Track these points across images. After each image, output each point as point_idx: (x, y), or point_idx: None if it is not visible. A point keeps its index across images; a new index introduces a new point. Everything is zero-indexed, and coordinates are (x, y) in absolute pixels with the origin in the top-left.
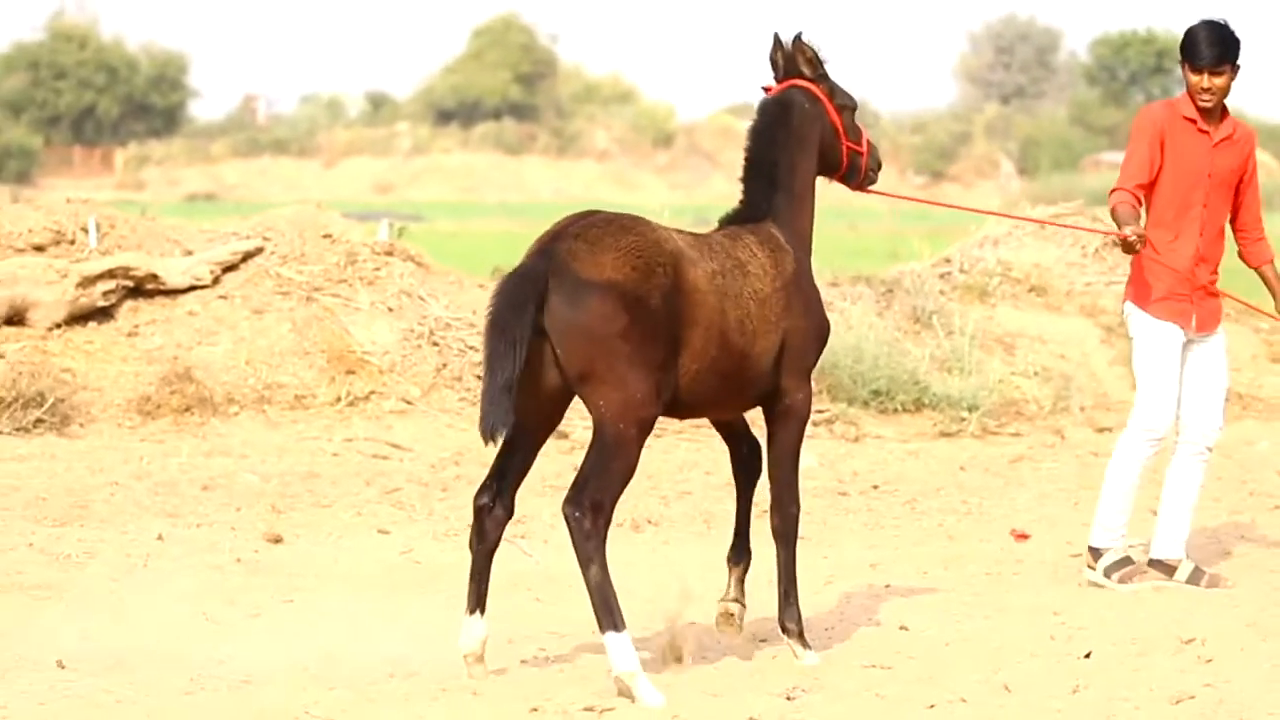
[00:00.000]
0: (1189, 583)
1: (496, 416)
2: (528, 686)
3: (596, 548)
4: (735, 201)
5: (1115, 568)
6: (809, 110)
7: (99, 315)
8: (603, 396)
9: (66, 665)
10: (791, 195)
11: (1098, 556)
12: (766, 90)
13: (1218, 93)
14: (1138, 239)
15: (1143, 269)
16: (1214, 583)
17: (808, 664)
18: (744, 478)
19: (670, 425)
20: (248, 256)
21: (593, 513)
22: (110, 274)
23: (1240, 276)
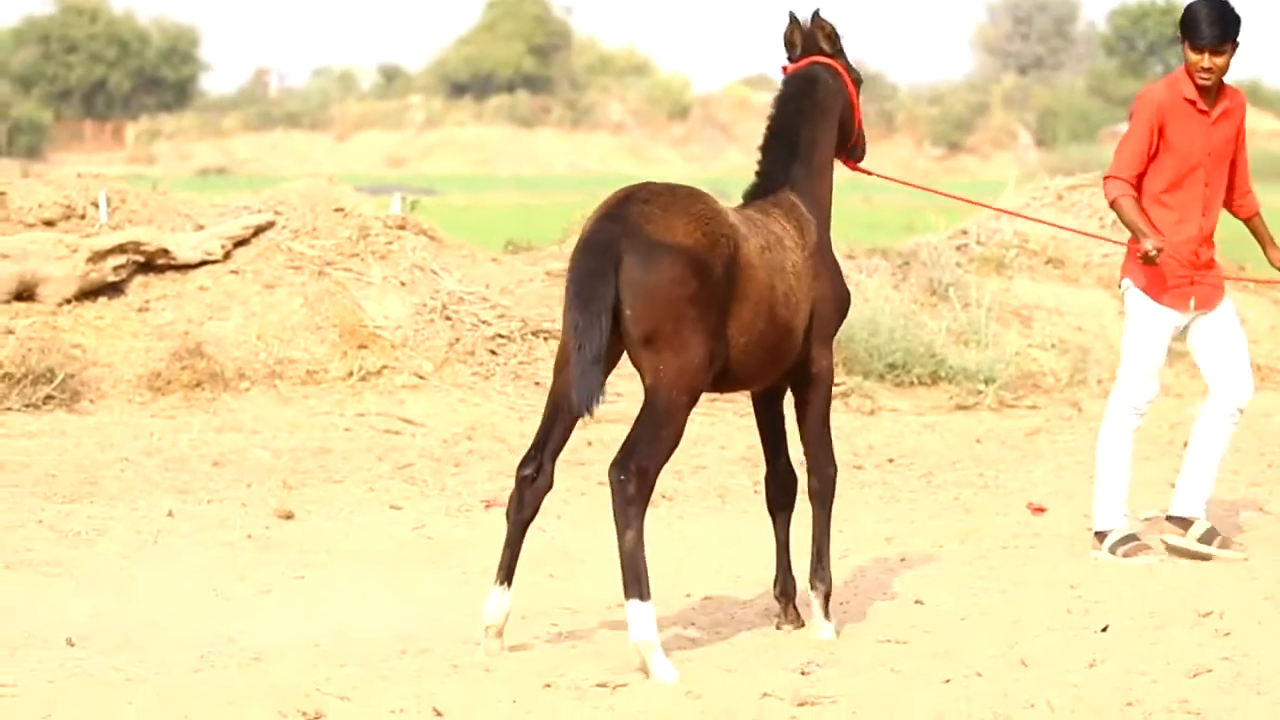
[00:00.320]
0: (1201, 541)
1: (589, 389)
2: (541, 662)
3: (636, 514)
4: (752, 172)
5: (1120, 544)
6: (832, 85)
7: (109, 290)
8: (663, 360)
9: (76, 643)
10: (810, 167)
11: (1103, 539)
12: (785, 70)
13: (1218, 72)
14: (1158, 251)
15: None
16: (1225, 544)
17: (823, 637)
18: (783, 498)
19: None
20: (259, 231)
21: (638, 478)
22: (121, 249)
23: (1246, 246)
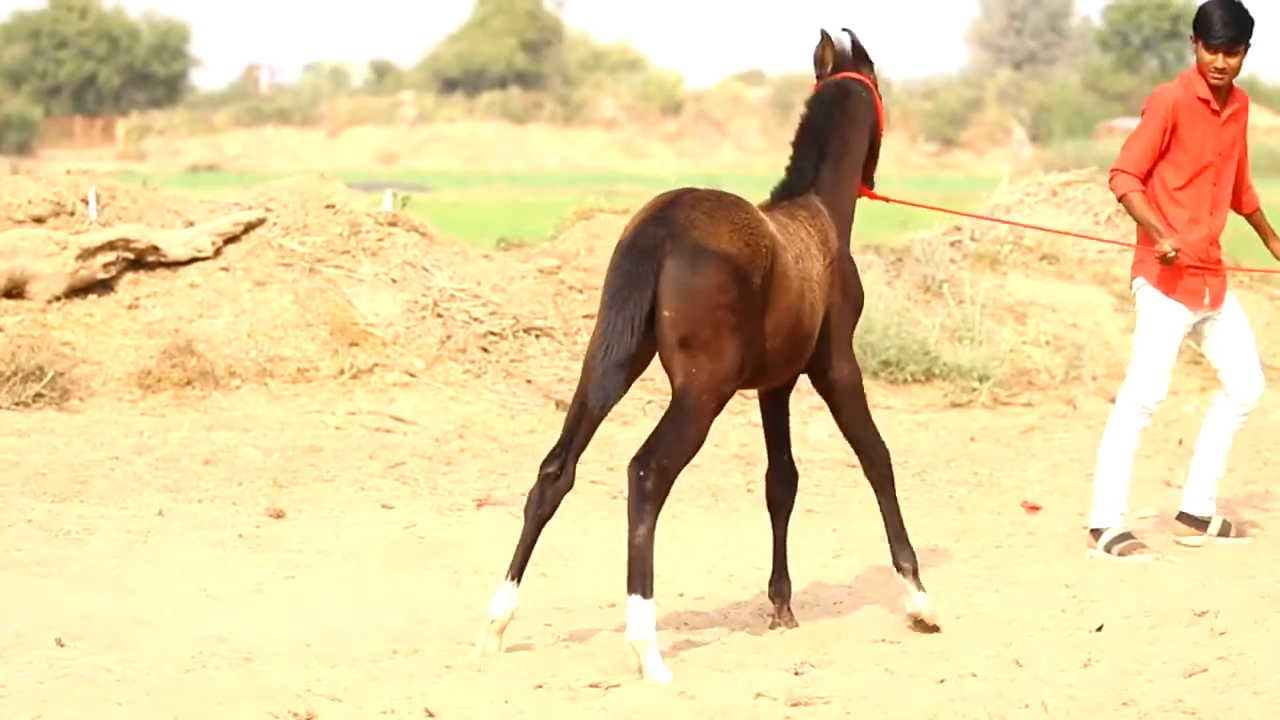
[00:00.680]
0: (1219, 535)
1: (608, 390)
2: (533, 663)
3: (651, 511)
4: (743, 169)
5: (1115, 542)
6: (865, 98)
7: (99, 288)
8: (697, 364)
9: (65, 643)
10: (838, 171)
11: (1098, 536)
12: (815, 88)
13: (1231, 72)
14: (1176, 252)
15: (1154, 245)
16: (1241, 532)
17: (919, 605)
18: (783, 494)
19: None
20: (250, 227)
21: (657, 476)
22: (110, 246)
23: (1239, 244)
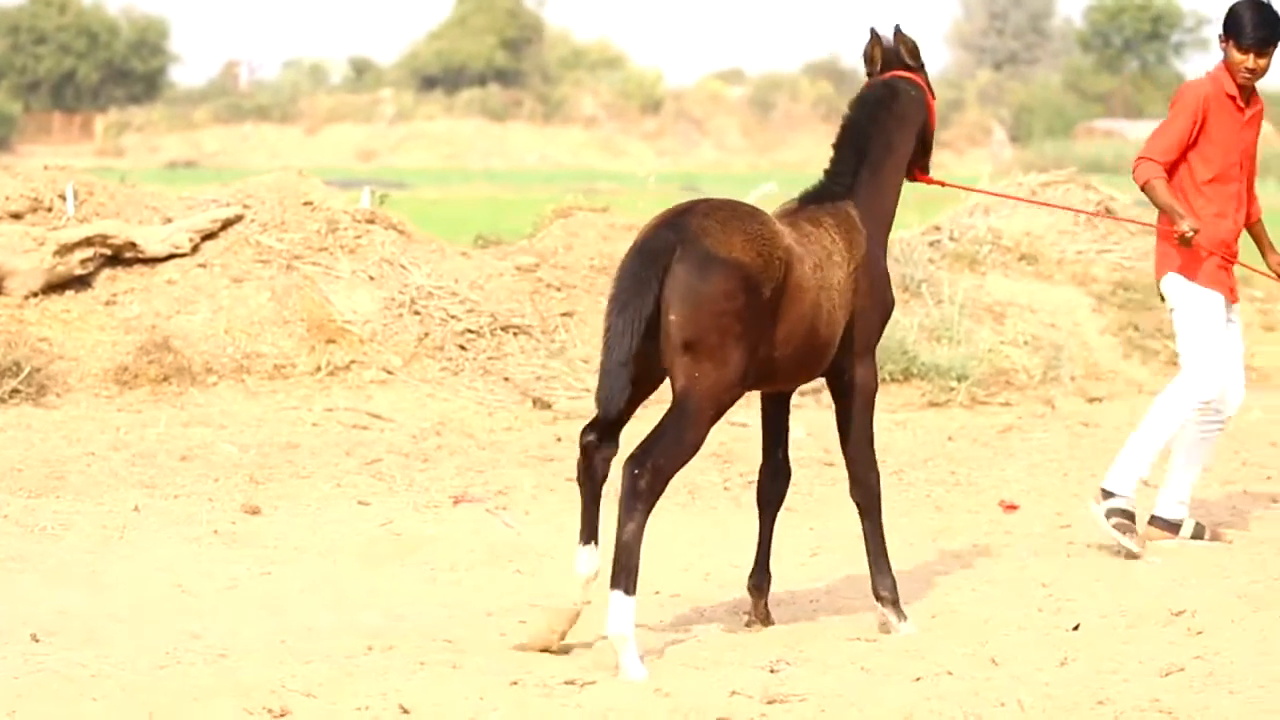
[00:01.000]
0: (1194, 538)
1: (612, 391)
2: (508, 659)
3: (642, 510)
4: (722, 168)
5: (1116, 514)
6: (914, 96)
7: (76, 284)
8: (701, 370)
9: (41, 638)
10: (878, 174)
11: (1107, 496)
12: (865, 87)
13: (1260, 73)
14: (1195, 232)
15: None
16: (1216, 535)
17: (905, 633)
18: (772, 494)
19: (654, 394)
20: (227, 224)
21: (652, 475)
22: (88, 242)
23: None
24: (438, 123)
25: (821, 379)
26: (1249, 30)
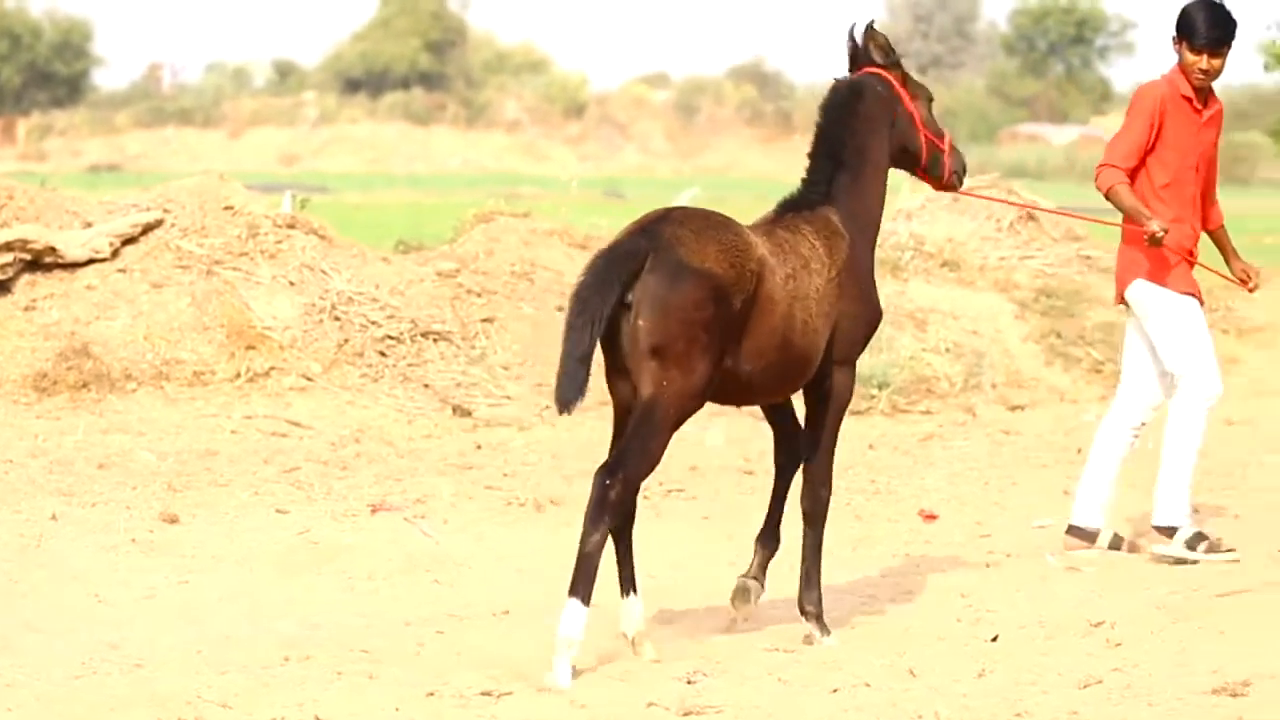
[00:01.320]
0: (1111, 548)
1: (570, 389)
2: (424, 670)
3: (608, 520)
4: (646, 173)
5: (1196, 540)
6: (880, 93)
7: None
8: (667, 377)
9: None
10: (856, 177)
11: (1168, 534)
12: (831, 87)
13: (1214, 74)
14: (1164, 232)
15: (1146, 247)
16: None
17: (828, 646)
18: (785, 462)
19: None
20: (147, 229)
21: (622, 486)
22: (8, 247)
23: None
24: (361, 126)
25: None
26: (1202, 31)
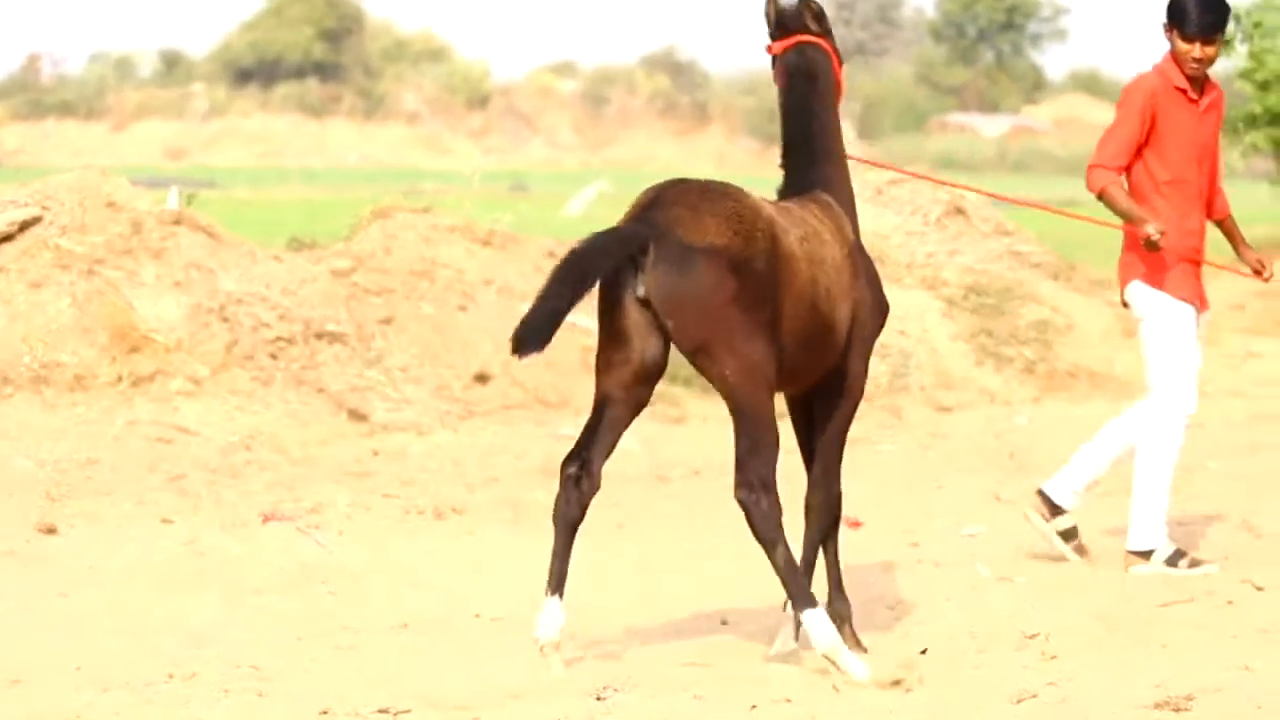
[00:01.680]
0: (1064, 537)
1: (531, 335)
2: (318, 687)
3: (778, 525)
4: (553, 166)
5: (1175, 558)
6: (826, 67)
7: None
8: (725, 366)
9: None
10: (835, 161)
11: (1145, 557)
12: (770, 50)
13: (1208, 62)
14: (1161, 235)
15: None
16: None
17: (850, 669)
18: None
19: (478, 406)
20: (25, 226)
21: (764, 491)
22: None
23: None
24: (252, 119)
25: None
26: (1194, 17)
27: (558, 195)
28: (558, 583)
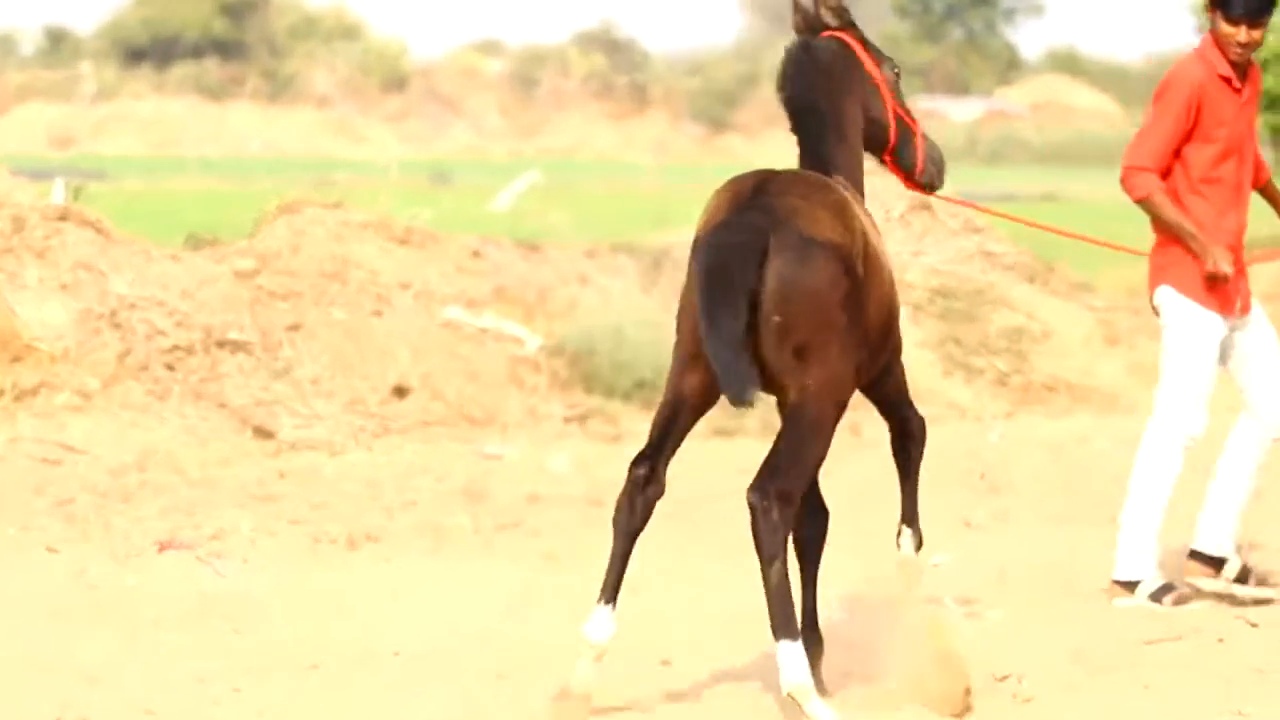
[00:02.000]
0: (1237, 581)
1: (742, 375)
2: None
3: (782, 543)
4: (478, 154)
5: (1161, 593)
6: (838, 52)
7: None
8: (814, 373)
9: None
10: (849, 147)
11: (1129, 588)
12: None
13: (1254, 46)
14: (1228, 262)
15: (1177, 249)
16: (1263, 581)
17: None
18: (808, 535)
19: (396, 422)
20: None
21: (780, 502)
22: None
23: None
24: (145, 102)
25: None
26: None
27: (483, 187)
28: (612, 592)
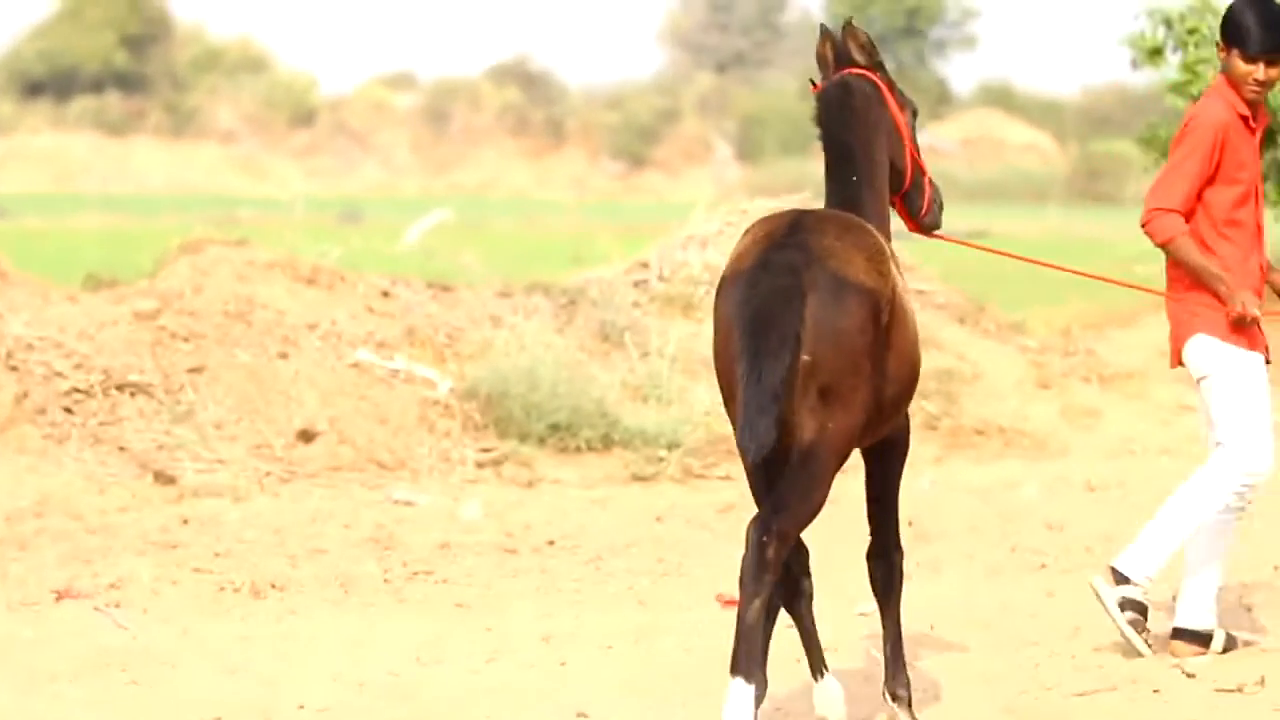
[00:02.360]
0: (1226, 651)
1: (762, 431)
2: None
3: (769, 582)
4: (389, 191)
5: (1130, 606)
6: (870, 93)
7: None
8: (831, 418)
9: None
10: (875, 190)
11: (1120, 580)
12: (814, 88)
13: (1272, 84)
14: (1255, 305)
15: (1202, 294)
16: (1250, 644)
17: None
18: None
19: (302, 467)
20: None
21: (778, 542)
22: None
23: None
24: (43, 137)
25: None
26: (1257, 35)
27: (393, 225)
28: (820, 660)
